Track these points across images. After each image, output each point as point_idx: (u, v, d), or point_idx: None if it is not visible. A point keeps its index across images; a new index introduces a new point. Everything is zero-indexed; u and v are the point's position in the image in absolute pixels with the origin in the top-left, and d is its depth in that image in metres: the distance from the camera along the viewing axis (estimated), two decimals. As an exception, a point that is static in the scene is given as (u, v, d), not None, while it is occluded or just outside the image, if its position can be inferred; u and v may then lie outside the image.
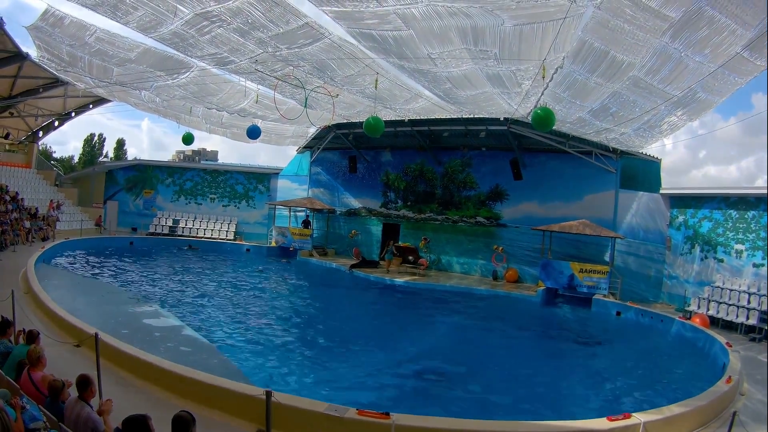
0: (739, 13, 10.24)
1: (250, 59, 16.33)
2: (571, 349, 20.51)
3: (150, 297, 22.60)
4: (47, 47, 19.40)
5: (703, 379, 15.00)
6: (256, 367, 14.81)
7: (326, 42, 14.37)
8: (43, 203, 38.77)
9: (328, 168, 42.04)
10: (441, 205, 37.15)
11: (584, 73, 14.09)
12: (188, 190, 46.50)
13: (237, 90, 21.70)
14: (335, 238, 41.37)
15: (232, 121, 27.61)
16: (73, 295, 20.77)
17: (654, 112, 16.61)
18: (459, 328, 22.56)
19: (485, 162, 35.47)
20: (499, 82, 15.49)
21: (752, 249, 25.13)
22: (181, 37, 15.13)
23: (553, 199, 32.72)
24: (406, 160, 38.42)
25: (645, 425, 10.15)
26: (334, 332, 19.94)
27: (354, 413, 9.53)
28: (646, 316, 24.39)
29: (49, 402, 7.40)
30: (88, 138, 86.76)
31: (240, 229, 44.70)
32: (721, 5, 10.08)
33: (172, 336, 17.17)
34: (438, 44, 12.73)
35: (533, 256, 32.61)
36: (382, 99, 19.63)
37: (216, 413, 9.95)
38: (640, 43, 11.89)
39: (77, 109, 43.47)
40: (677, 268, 29.26)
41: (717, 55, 12.02)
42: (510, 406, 13.71)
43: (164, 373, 11.37)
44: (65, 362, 11.08)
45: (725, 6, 10.08)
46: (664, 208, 30.18)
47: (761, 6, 9.99)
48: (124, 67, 19.78)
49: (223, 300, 23.36)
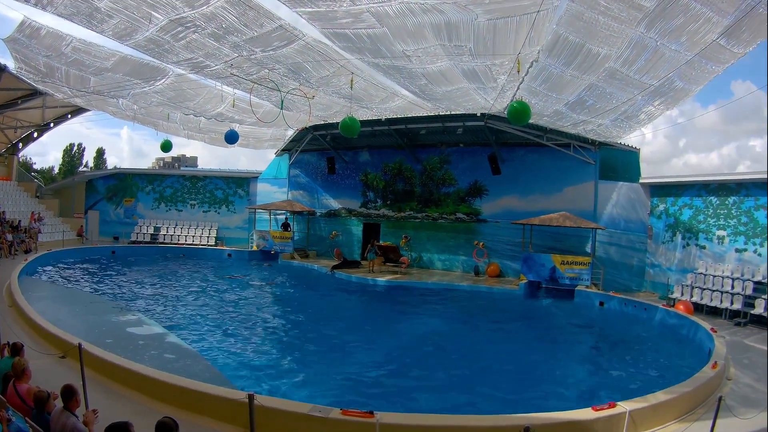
0: (715, 0, 10.27)
1: (225, 63, 16.28)
2: (555, 341, 20.53)
3: (133, 305, 22.41)
4: (24, 59, 19.28)
5: (688, 366, 15.06)
6: (239, 372, 14.70)
7: (300, 44, 14.33)
8: (25, 215, 38.48)
9: (307, 170, 41.95)
10: (420, 203, 37.19)
11: (560, 67, 14.11)
12: (168, 197, 46.26)
13: (214, 95, 21.63)
14: (316, 240, 41.29)
15: (209, 126, 27.52)
16: (57, 306, 20.59)
17: (631, 102, 16.67)
18: (442, 325, 22.49)
19: (463, 158, 35.51)
20: (474, 77, 15.48)
21: (734, 234, 25.32)
22: (157, 44, 15.06)
23: (532, 193, 32.77)
24: (385, 159, 38.41)
25: (631, 413, 10.16)
26: (317, 334, 19.86)
27: (338, 413, 9.48)
28: (629, 305, 24.44)
29: (35, 414, 7.37)
30: (68, 148, 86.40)
31: (221, 235, 44.54)
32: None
33: (155, 343, 17.03)
34: (412, 41, 12.71)
35: (514, 250, 32.70)
36: (358, 99, 19.62)
37: (201, 419, 9.89)
38: (615, 35, 11.91)
39: (56, 120, 43.15)
40: (659, 256, 29.42)
41: (693, 43, 12.06)
42: (495, 399, 13.66)
43: (149, 381, 11.27)
44: (50, 374, 10.96)
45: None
46: (645, 198, 30.32)
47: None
48: (101, 76, 19.67)
49: (206, 306, 23.19)
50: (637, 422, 10.27)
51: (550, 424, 9.54)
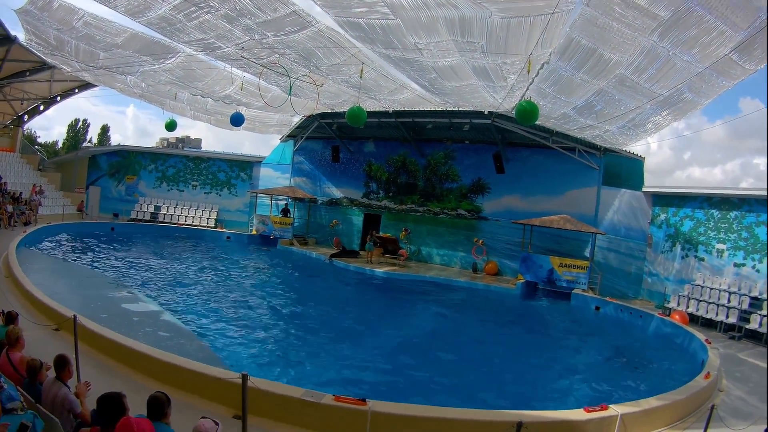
0: (728, 14, 10.27)
1: (236, 46, 16.25)
2: (550, 342, 20.58)
3: (129, 282, 22.42)
4: (35, 31, 19.29)
5: (681, 375, 15.09)
6: (233, 354, 14.76)
7: (313, 30, 14.33)
8: (26, 188, 38.35)
9: (311, 157, 41.89)
10: (423, 197, 37.11)
11: (570, 70, 14.09)
12: (170, 177, 46.22)
13: (223, 76, 21.63)
14: (316, 228, 41.27)
15: (216, 107, 27.52)
16: (54, 279, 20.61)
17: (639, 110, 16.65)
18: (438, 319, 22.58)
19: (468, 155, 35.43)
20: (484, 74, 15.46)
21: (734, 249, 25.28)
22: (169, 22, 15.06)
23: (535, 194, 32.69)
24: (389, 151, 38.33)
25: (622, 417, 10.20)
26: (313, 321, 19.89)
27: (330, 399, 9.53)
28: (625, 311, 24.44)
29: (27, 383, 7.37)
30: (72, 123, 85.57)
31: (221, 217, 44.53)
32: (710, 5, 10.09)
33: (150, 321, 17.07)
34: (425, 34, 12.70)
35: (513, 249, 32.68)
36: (367, 89, 19.61)
37: (193, 398, 9.89)
38: (627, 42, 11.90)
39: (63, 94, 43.12)
40: (658, 265, 29.39)
41: (705, 55, 12.05)
42: (487, 395, 13.71)
43: (142, 357, 11.31)
44: (44, 345, 10.98)
45: (715, 7, 10.10)
46: (646, 206, 30.26)
47: (750, 9, 10.01)
48: (110, 52, 19.66)
49: (202, 287, 23.22)
50: (628, 426, 10.32)
51: (542, 423, 9.54)
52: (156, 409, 5.84)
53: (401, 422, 9.40)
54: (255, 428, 8.83)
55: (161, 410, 5.86)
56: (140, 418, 5.09)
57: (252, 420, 8.70)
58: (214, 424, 5.46)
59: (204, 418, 5.54)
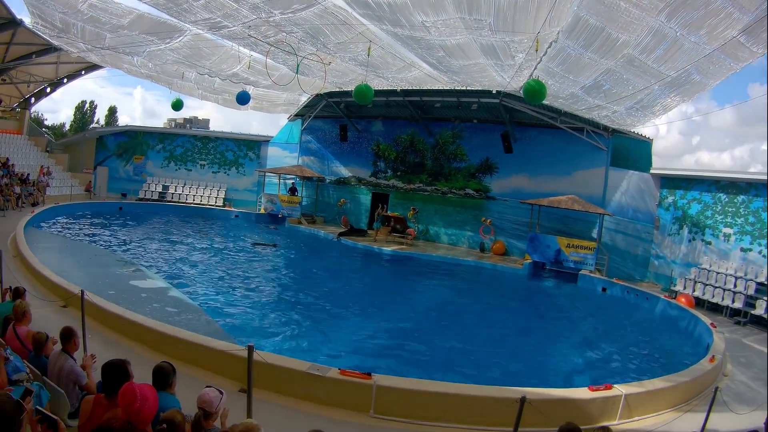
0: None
1: (243, 25, 16.22)
2: (556, 322, 20.68)
3: (137, 260, 22.58)
4: (41, 14, 19.27)
5: (686, 357, 15.14)
6: (240, 329, 14.89)
7: (320, 8, 14.27)
8: (34, 169, 38.50)
9: (319, 136, 41.88)
10: (431, 176, 37.11)
11: (578, 49, 14.02)
12: (178, 157, 46.33)
13: (230, 54, 21.59)
14: (324, 207, 41.31)
15: (224, 86, 27.48)
16: (62, 257, 20.79)
17: (647, 91, 16.58)
18: (444, 298, 22.68)
19: (476, 134, 35.39)
20: (492, 53, 15.40)
21: (740, 233, 25.29)
22: (175, 2, 15.02)
23: (542, 174, 32.66)
24: (397, 130, 38.28)
25: (626, 397, 10.25)
26: (320, 297, 19.96)
27: (336, 373, 9.65)
28: (631, 293, 24.45)
29: (33, 356, 7.44)
30: (80, 105, 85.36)
31: (229, 196, 44.66)
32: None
33: (158, 297, 17.18)
34: (432, 12, 12.64)
35: (521, 229, 32.73)
36: (374, 67, 19.56)
37: (199, 372, 10.01)
38: (635, 21, 11.83)
39: (69, 76, 43.11)
40: (665, 248, 29.41)
41: (713, 37, 11.97)
42: (492, 372, 13.81)
43: (149, 332, 11.44)
44: (52, 322, 11.02)
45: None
46: (654, 188, 30.24)
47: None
48: (116, 33, 19.65)
49: (210, 264, 23.35)
50: (632, 407, 10.38)
51: (546, 400, 9.60)
52: (161, 379, 5.89)
53: (406, 396, 9.50)
54: (261, 401, 8.89)
55: (166, 380, 5.92)
56: (144, 384, 5.13)
57: (258, 393, 8.80)
58: (218, 393, 5.51)
59: (208, 387, 5.60)
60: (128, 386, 4.96)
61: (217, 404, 5.41)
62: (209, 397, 5.41)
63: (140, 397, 4.84)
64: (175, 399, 5.90)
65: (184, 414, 5.12)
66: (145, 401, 4.86)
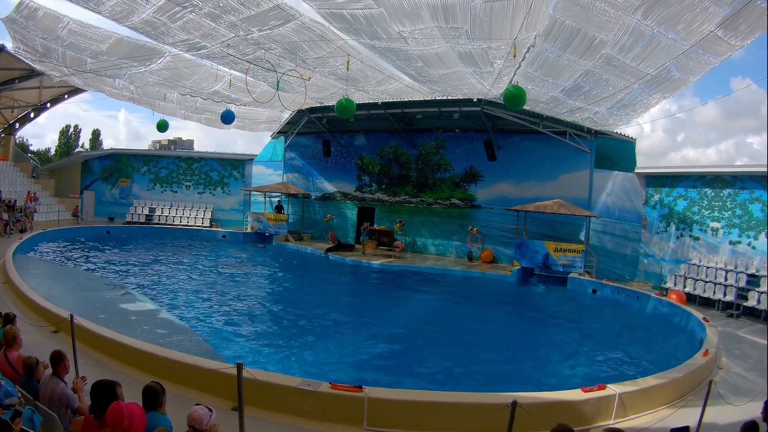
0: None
1: (221, 44, 16.25)
2: (546, 325, 20.74)
3: (126, 283, 22.49)
4: (22, 39, 19.24)
5: (680, 353, 15.15)
6: (231, 349, 14.81)
7: (297, 23, 14.32)
8: (21, 195, 38.31)
9: (303, 153, 41.85)
10: (415, 188, 37.08)
11: (556, 51, 14.09)
12: (164, 178, 46.24)
13: (210, 73, 21.59)
14: (311, 223, 41.25)
15: (206, 106, 27.47)
16: (51, 283, 20.68)
17: (627, 91, 16.66)
18: (434, 308, 22.71)
19: (459, 144, 35.43)
20: (471, 60, 15.47)
21: (728, 227, 25.41)
22: (153, 26, 15.06)
23: (527, 180, 32.66)
24: (380, 143, 38.30)
25: (620, 396, 10.23)
26: (310, 313, 19.90)
27: (327, 387, 9.60)
28: (622, 293, 24.53)
29: (24, 381, 7.41)
30: (64, 129, 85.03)
31: (216, 216, 44.57)
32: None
33: (148, 319, 17.15)
34: (409, 22, 12.70)
35: (508, 236, 32.69)
36: (354, 80, 19.60)
37: (191, 392, 9.93)
38: (611, 21, 11.90)
39: (52, 100, 43.05)
40: (653, 246, 29.50)
41: (690, 32, 12.04)
42: (485, 379, 13.81)
43: (138, 354, 11.39)
44: (43, 347, 10.92)
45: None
46: (640, 187, 30.35)
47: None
48: (97, 58, 19.65)
49: (199, 285, 23.28)
50: (627, 405, 10.36)
51: (539, 403, 9.54)
52: (150, 398, 5.86)
53: (398, 407, 9.46)
54: (253, 419, 8.88)
55: (156, 399, 5.88)
56: (131, 403, 5.10)
57: (250, 411, 8.76)
58: (207, 411, 5.47)
59: (198, 405, 5.56)
60: (115, 405, 4.95)
61: (207, 422, 5.37)
62: (198, 415, 5.37)
63: (127, 415, 4.82)
64: (165, 418, 5.85)
65: (173, 433, 5.09)
66: (133, 419, 4.85)
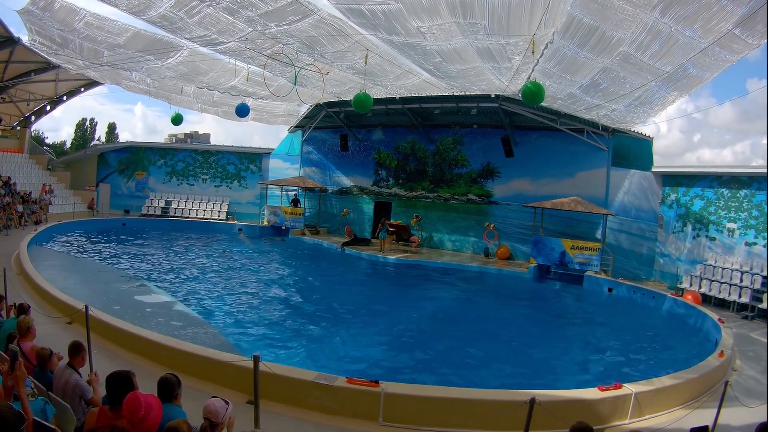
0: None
1: (239, 39, 16.28)
2: (563, 323, 20.66)
3: (142, 275, 22.59)
4: (39, 30, 19.33)
5: (695, 354, 15.07)
6: (247, 341, 14.88)
7: (315, 18, 14.32)
8: (36, 187, 38.62)
9: (320, 147, 41.89)
10: (432, 183, 37.04)
11: (574, 49, 14.06)
12: (180, 171, 46.44)
13: (227, 69, 21.64)
14: (327, 217, 41.31)
15: (223, 99, 27.55)
16: (65, 274, 20.79)
17: (645, 88, 16.60)
18: (450, 303, 22.69)
19: (476, 139, 35.35)
20: (489, 56, 15.44)
21: (744, 228, 25.26)
22: (170, 20, 15.10)
23: (544, 177, 32.57)
24: (398, 138, 38.26)
25: (636, 396, 10.21)
26: (326, 307, 19.95)
27: (344, 382, 9.61)
28: (638, 292, 24.42)
29: (38, 371, 7.44)
30: (80, 123, 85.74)
31: (232, 209, 44.68)
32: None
33: (162, 311, 17.23)
34: (427, 18, 12.69)
35: (525, 233, 32.56)
36: (372, 75, 19.59)
37: (206, 384, 9.98)
38: (629, 19, 11.86)
39: (68, 93, 43.34)
40: (669, 245, 29.34)
41: (707, 30, 12.00)
42: (502, 376, 13.78)
43: (154, 346, 11.47)
44: (57, 338, 11.05)
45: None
46: (656, 186, 30.16)
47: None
48: (114, 51, 19.72)
49: (215, 278, 23.37)
50: (642, 405, 10.33)
51: (556, 401, 9.54)
52: (166, 390, 5.87)
53: (414, 403, 9.46)
54: (269, 413, 8.92)
55: (171, 392, 5.89)
56: (148, 394, 5.13)
57: (265, 404, 8.79)
58: (224, 404, 5.48)
59: (214, 398, 5.57)
60: (132, 395, 4.97)
61: (222, 414, 5.39)
62: (215, 408, 5.38)
63: (144, 405, 4.84)
64: (181, 410, 5.87)
65: (190, 424, 5.11)
66: (150, 410, 4.87)
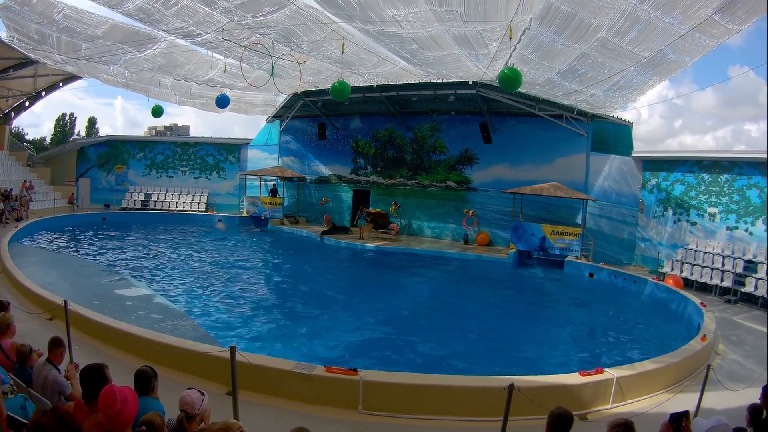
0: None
1: (216, 30, 16.19)
2: (544, 308, 20.71)
3: (122, 269, 22.41)
4: (16, 26, 19.16)
5: (677, 338, 15.12)
6: (227, 332, 14.82)
7: (291, 8, 14.25)
8: (16, 184, 38.06)
9: (298, 136, 41.76)
10: (411, 170, 37.00)
11: (551, 35, 14.05)
12: (159, 164, 46.18)
13: (205, 60, 21.54)
14: (306, 206, 41.21)
15: (201, 91, 27.45)
16: (46, 270, 20.63)
17: (623, 73, 16.61)
18: (430, 290, 22.71)
19: (455, 126, 35.29)
20: (466, 43, 15.41)
21: (725, 212, 25.34)
22: (147, 12, 14.99)
23: (523, 163, 32.55)
24: (376, 126, 38.17)
25: (618, 380, 10.23)
26: (306, 296, 19.99)
27: (322, 370, 9.61)
28: (619, 277, 24.51)
29: (18, 368, 7.36)
30: (59, 118, 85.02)
31: (211, 201, 44.51)
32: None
33: (143, 305, 17.11)
34: (402, 5, 12.65)
35: (504, 219, 32.54)
36: (349, 63, 19.56)
37: (186, 377, 9.87)
38: (607, 6, 11.86)
39: (47, 88, 42.79)
40: (650, 230, 29.43)
41: (687, 17, 12.00)
42: (482, 362, 13.82)
43: (133, 339, 11.39)
44: (38, 335, 10.92)
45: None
46: (637, 171, 30.21)
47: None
48: (92, 42, 19.59)
49: (194, 269, 23.29)
50: (624, 390, 10.35)
51: (537, 387, 9.52)
52: (143, 383, 5.81)
53: (394, 391, 9.45)
54: (248, 403, 8.85)
55: (148, 384, 5.83)
56: (124, 387, 5.07)
57: (244, 395, 8.74)
58: (200, 395, 5.44)
59: (190, 389, 5.53)
60: (108, 389, 4.91)
61: (199, 405, 5.34)
62: (191, 399, 5.33)
63: (120, 399, 4.78)
64: (158, 403, 5.82)
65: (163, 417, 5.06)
66: (125, 403, 4.81)
